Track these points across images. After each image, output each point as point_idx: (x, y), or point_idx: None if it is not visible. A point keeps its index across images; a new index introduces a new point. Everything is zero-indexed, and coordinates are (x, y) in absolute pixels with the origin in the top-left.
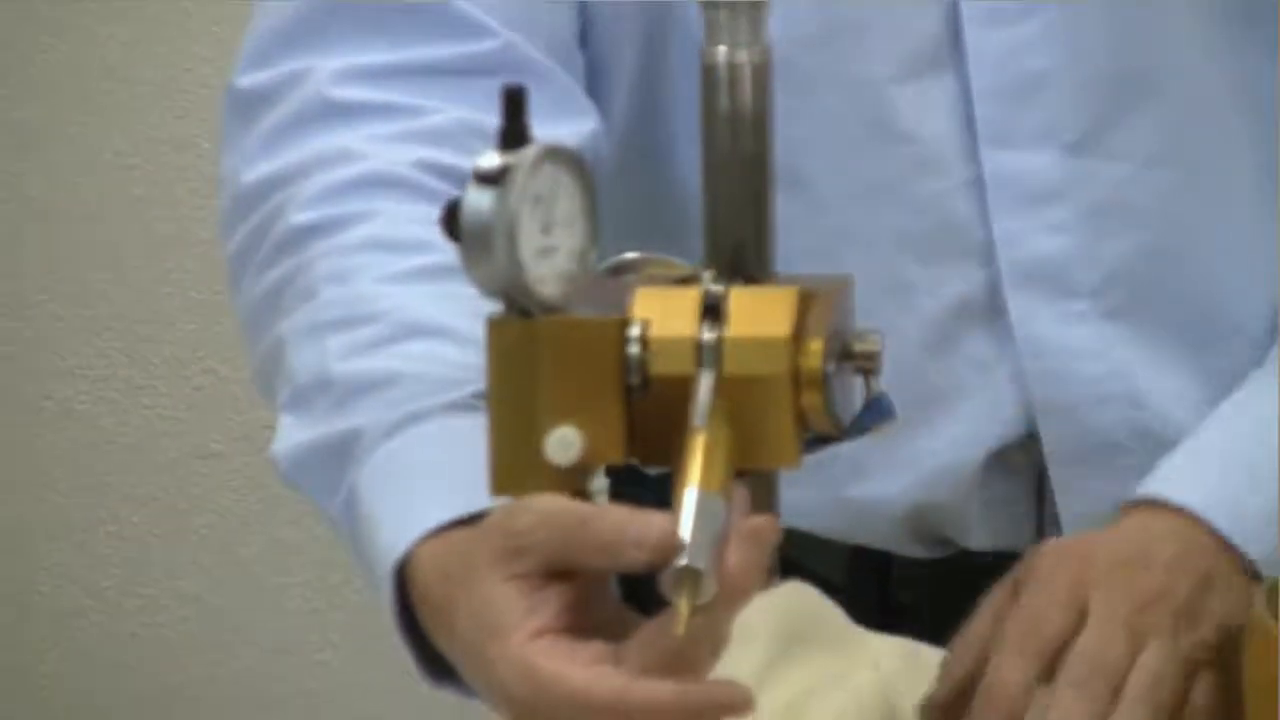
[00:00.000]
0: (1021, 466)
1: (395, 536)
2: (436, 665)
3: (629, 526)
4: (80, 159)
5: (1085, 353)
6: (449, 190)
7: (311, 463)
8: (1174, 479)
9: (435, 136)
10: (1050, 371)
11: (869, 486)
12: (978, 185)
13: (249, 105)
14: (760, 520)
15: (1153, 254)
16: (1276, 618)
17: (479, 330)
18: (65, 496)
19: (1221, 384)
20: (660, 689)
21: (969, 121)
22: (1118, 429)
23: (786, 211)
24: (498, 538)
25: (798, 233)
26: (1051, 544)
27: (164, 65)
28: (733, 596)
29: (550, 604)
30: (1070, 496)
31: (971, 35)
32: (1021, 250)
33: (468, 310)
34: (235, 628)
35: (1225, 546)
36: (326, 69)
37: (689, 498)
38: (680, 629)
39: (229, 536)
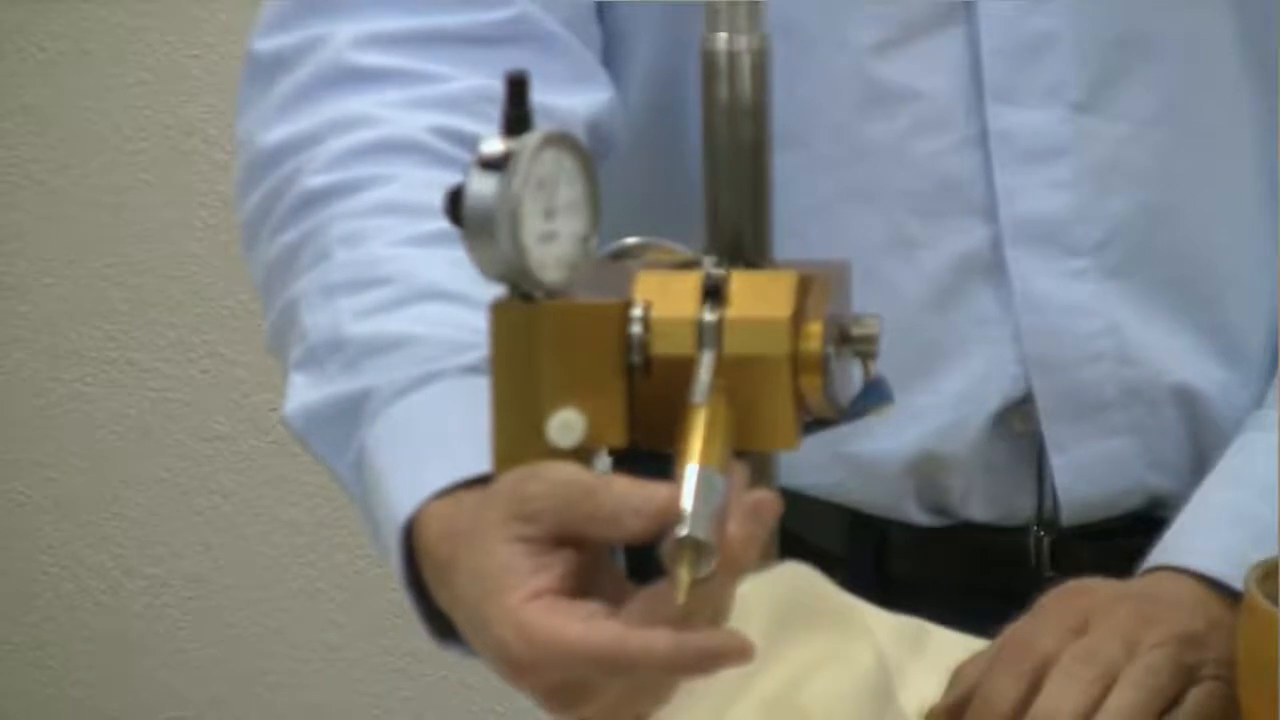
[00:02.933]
0: (1022, 432)
1: (405, 495)
2: (443, 624)
3: (631, 496)
4: (87, 143)
5: (1081, 309)
6: (464, 156)
7: (322, 421)
8: (1182, 546)
9: (451, 103)
10: (1046, 328)
11: (870, 442)
12: (980, 142)
13: (267, 68)
14: (762, 494)
15: (1150, 213)
16: (1276, 600)
17: (492, 295)
18: (70, 478)
19: (1212, 340)
20: (657, 636)
21: (975, 79)
22: (1107, 386)
23: (788, 171)
24: (508, 502)
25: (800, 191)
26: (1062, 585)
27: (171, 50)
28: (733, 567)
29: (553, 568)
30: (1065, 457)
31: None
32: (1023, 206)
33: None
34: (239, 608)
35: (1237, 599)
36: (345, 34)
37: (690, 473)
38: (681, 598)
39: (233, 517)
